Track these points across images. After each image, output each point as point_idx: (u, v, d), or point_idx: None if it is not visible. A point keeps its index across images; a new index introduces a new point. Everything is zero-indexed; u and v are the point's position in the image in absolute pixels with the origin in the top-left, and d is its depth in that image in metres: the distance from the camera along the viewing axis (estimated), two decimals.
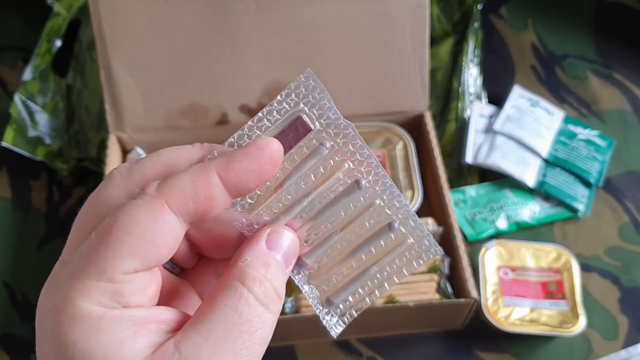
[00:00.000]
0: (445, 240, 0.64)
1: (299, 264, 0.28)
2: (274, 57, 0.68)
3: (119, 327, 0.23)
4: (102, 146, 0.71)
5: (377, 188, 0.27)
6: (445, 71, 0.78)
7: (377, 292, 0.28)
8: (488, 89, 0.79)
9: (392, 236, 0.28)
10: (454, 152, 0.74)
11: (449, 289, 0.61)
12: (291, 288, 0.63)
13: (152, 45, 0.68)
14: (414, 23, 0.69)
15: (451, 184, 0.69)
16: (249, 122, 0.26)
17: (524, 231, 0.69)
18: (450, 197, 0.65)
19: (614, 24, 0.85)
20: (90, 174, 0.73)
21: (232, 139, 0.26)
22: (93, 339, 0.22)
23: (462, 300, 0.58)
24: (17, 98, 0.74)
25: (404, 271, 0.28)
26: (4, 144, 0.72)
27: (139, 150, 0.70)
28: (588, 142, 0.74)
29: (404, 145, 0.71)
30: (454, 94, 0.77)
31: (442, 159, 0.68)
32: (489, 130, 0.74)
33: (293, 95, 0.27)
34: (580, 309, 0.62)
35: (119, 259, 0.23)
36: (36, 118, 0.74)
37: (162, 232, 0.24)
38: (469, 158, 0.72)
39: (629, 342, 0.62)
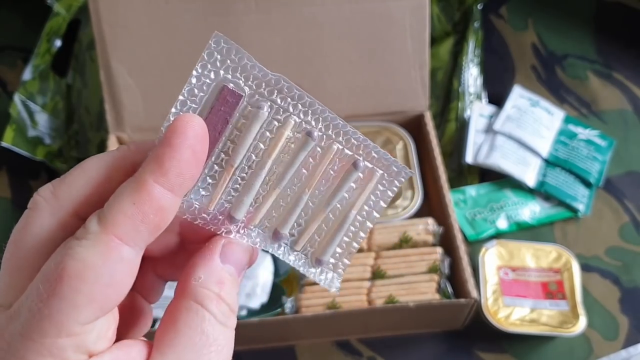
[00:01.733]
0: (446, 240, 0.64)
1: (277, 237, 0.27)
2: (274, 57, 0.68)
3: None
4: (102, 146, 0.71)
5: (330, 133, 0.26)
6: (446, 71, 0.78)
7: (361, 233, 0.27)
8: (488, 88, 0.79)
9: (360, 174, 0.26)
10: (454, 152, 0.74)
11: (449, 289, 0.61)
12: (291, 288, 0.63)
13: (152, 45, 0.68)
14: (414, 23, 0.69)
15: (451, 184, 0.69)
16: (172, 110, 0.24)
17: (524, 231, 0.69)
18: (450, 197, 0.65)
19: (614, 23, 0.84)
20: None
21: (162, 134, 0.24)
22: None
23: (462, 300, 0.58)
24: (17, 98, 0.74)
25: (382, 204, 0.27)
26: (4, 144, 0.72)
27: None
28: (588, 142, 0.74)
29: (404, 145, 0.71)
30: (454, 93, 0.77)
31: (442, 159, 0.68)
32: (489, 130, 0.74)
33: (209, 66, 0.24)
34: (581, 309, 0.62)
35: (76, 310, 0.21)
36: (36, 118, 0.74)
37: (118, 271, 0.22)
38: (469, 158, 0.72)
39: (629, 342, 0.62)
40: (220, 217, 0.26)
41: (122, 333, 0.25)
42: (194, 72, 0.24)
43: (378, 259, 0.62)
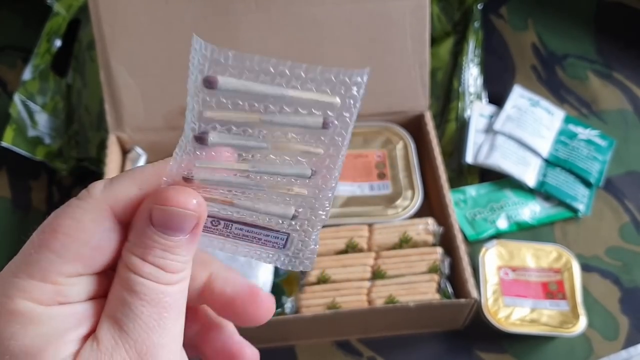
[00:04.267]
0: (446, 240, 0.64)
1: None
2: (274, 56, 0.68)
3: (56, 322, 0.23)
4: (102, 146, 0.71)
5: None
6: (446, 71, 0.78)
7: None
8: (488, 88, 0.79)
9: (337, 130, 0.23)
10: (454, 152, 0.74)
11: (449, 289, 0.61)
12: (291, 288, 0.63)
13: (152, 45, 0.68)
14: (414, 23, 0.69)
15: (451, 184, 0.69)
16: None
17: (524, 231, 0.69)
18: (450, 197, 0.65)
19: (614, 23, 0.84)
20: (90, 174, 0.73)
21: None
22: (29, 334, 0.23)
23: (462, 300, 0.58)
24: (17, 98, 0.74)
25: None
26: (4, 144, 0.72)
27: (139, 150, 0.70)
28: (588, 142, 0.74)
29: (404, 145, 0.71)
30: (454, 93, 0.77)
31: (442, 159, 0.68)
32: (489, 130, 0.74)
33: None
34: (581, 309, 0.62)
35: (62, 263, 0.23)
36: (36, 118, 0.74)
37: (107, 238, 0.24)
38: (469, 158, 0.72)
39: (629, 343, 0.62)
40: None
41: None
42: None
43: (378, 259, 0.62)
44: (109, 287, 0.25)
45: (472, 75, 0.78)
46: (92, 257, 0.24)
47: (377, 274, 0.61)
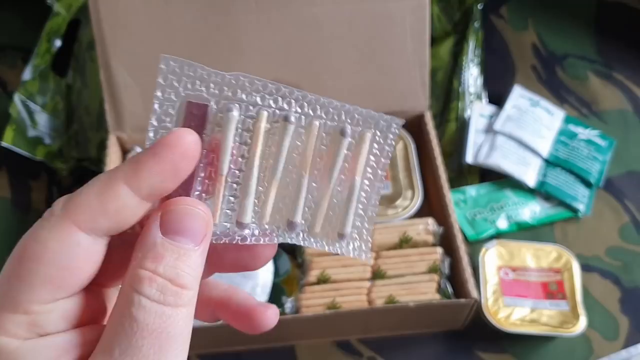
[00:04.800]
0: (446, 240, 0.64)
1: (292, 226, 0.26)
2: (274, 57, 0.68)
3: (34, 356, 0.22)
4: (102, 146, 0.71)
5: (307, 110, 0.25)
6: (446, 71, 0.78)
7: (374, 196, 0.27)
8: (488, 88, 0.79)
9: (351, 140, 0.26)
10: (454, 152, 0.74)
11: (449, 289, 0.61)
12: (291, 288, 0.63)
13: (152, 45, 0.68)
14: (414, 23, 0.69)
15: (451, 184, 0.69)
16: (148, 134, 0.24)
17: (524, 231, 0.69)
18: (450, 197, 0.65)
19: (614, 23, 0.84)
20: (90, 174, 0.73)
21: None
22: None
23: (462, 300, 0.58)
24: (17, 98, 0.74)
25: (383, 160, 0.27)
26: (4, 144, 0.72)
27: (139, 150, 0.70)
28: (588, 142, 0.74)
29: (404, 145, 0.71)
30: (455, 93, 0.77)
31: (442, 159, 0.68)
32: (490, 130, 0.74)
33: (167, 89, 0.24)
34: (581, 309, 0.62)
35: (33, 290, 0.22)
36: (36, 118, 0.74)
37: (75, 255, 0.22)
38: (469, 158, 0.72)
39: (629, 343, 0.62)
40: (229, 227, 0.25)
41: None
42: (155, 100, 0.24)
43: (378, 259, 0.62)
44: (98, 310, 0.24)
45: (472, 75, 0.78)
46: (63, 278, 0.22)
47: (377, 274, 0.61)
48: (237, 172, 0.25)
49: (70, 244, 0.22)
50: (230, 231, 0.25)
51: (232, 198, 0.25)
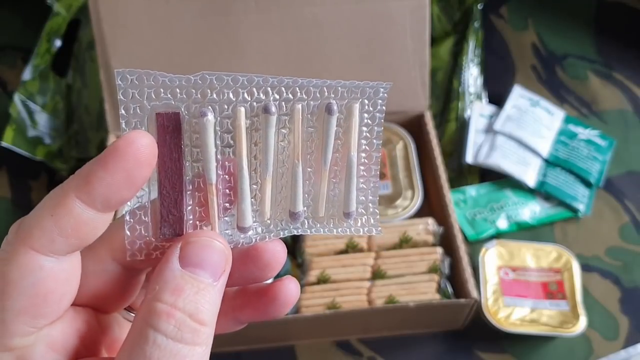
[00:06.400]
0: (446, 240, 0.64)
1: (295, 217, 0.25)
2: (274, 57, 0.68)
3: None
4: (102, 146, 0.71)
5: (287, 95, 0.24)
6: (446, 71, 0.78)
7: (373, 169, 0.26)
8: (488, 88, 0.79)
9: (339, 115, 0.25)
10: (454, 152, 0.74)
11: (449, 289, 0.61)
12: None
13: (152, 45, 0.68)
14: (414, 23, 0.69)
15: (451, 184, 0.69)
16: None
17: (524, 231, 0.69)
18: (450, 197, 0.65)
19: (614, 23, 0.84)
20: None
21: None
22: None
23: (462, 300, 0.58)
24: (17, 98, 0.74)
25: (376, 129, 0.25)
26: (4, 144, 0.72)
27: None
28: (588, 142, 0.74)
29: (404, 145, 0.71)
30: (454, 93, 0.77)
31: (442, 159, 0.68)
32: (490, 130, 0.74)
33: (131, 105, 0.22)
34: (581, 309, 0.62)
35: (7, 325, 0.20)
36: (36, 118, 0.74)
37: (40, 280, 0.21)
38: (469, 158, 0.72)
39: (629, 342, 0.62)
40: (231, 233, 0.24)
41: None
42: (121, 119, 0.22)
43: (378, 259, 0.62)
44: (96, 339, 0.23)
45: (472, 75, 0.78)
46: (36, 306, 0.21)
47: (377, 274, 0.61)
48: (227, 177, 0.24)
49: (31, 270, 0.21)
50: (234, 237, 0.24)
51: (227, 205, 0.24)
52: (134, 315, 0.25)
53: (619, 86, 0.80)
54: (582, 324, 0.61)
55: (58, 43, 0.79)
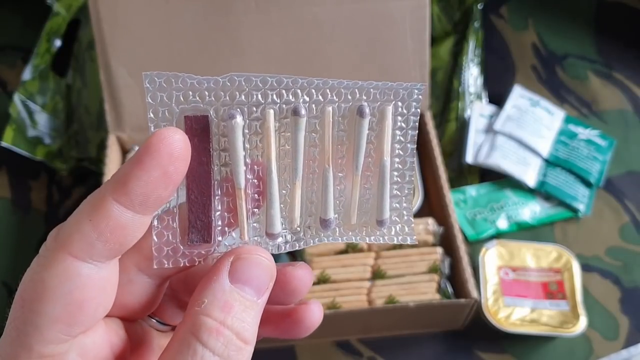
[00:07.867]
0: (446, 240, 0.64)
1: (325, 224, 0.24)
2: (274, 57, 0.68)
3: None
4: (102, 146, 0.71)
5: (317, 98, 0.23)
6: (446, 71, 0.78)
7: (407, 175, 0.25)
8: (488, 88, 0.79)
9: (371, 117, 0.24)
10: (455, 152, 0.74)
11: (450, 289, 0.61)
12: None
13: (152, 45, 0.68)
14: (414, 23, 0.69)
15: (451, 184, 0.69)
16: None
17: (524, 231, 0.69)
18: (450, 197, 0.65)
19: (614, 23, 0.84)
20: (89, 174, 0.73)
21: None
22: None
23: (462, 300, 0.58)
24: (17, 98, 0.74)
25: (410, 133, 0.24)
26: (4, 143, 0.72)
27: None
28: (588, 142, 0.74)
29: None
30: (455, 93, 0.77)
31: (442, 159, 0.67)
32: (490, 130, 0.74)
33: (160, 108, 0.22)
34: (581, 309, 0.62)
35: (41, 332, 0.20)
36: (35, 118, 0.74)
37: (77, 288, 0.20)
38: (469, 158, 0.72)
39: (629, 342, 0.62)
40: (260, 240, 0.24)
41: None
42: (149, 122, 0.22)
43: (378, 259, 0.62)
44: (124, 346, 0.22)
45: (472, 75, 0.78)
46: (71, 313, 0.20)
47: (377, 274, 0.61)
48: (255, 181, 0.23)
49: (69, 277, 0.20)
50: (262, 245, 0.24)
51: (256, 210, 0.23)
52: (155, 321, 0.25)
53: (619, 86, 0.80)
54: (582, 324, 0.61)
55: (58, 43, 0.79)
